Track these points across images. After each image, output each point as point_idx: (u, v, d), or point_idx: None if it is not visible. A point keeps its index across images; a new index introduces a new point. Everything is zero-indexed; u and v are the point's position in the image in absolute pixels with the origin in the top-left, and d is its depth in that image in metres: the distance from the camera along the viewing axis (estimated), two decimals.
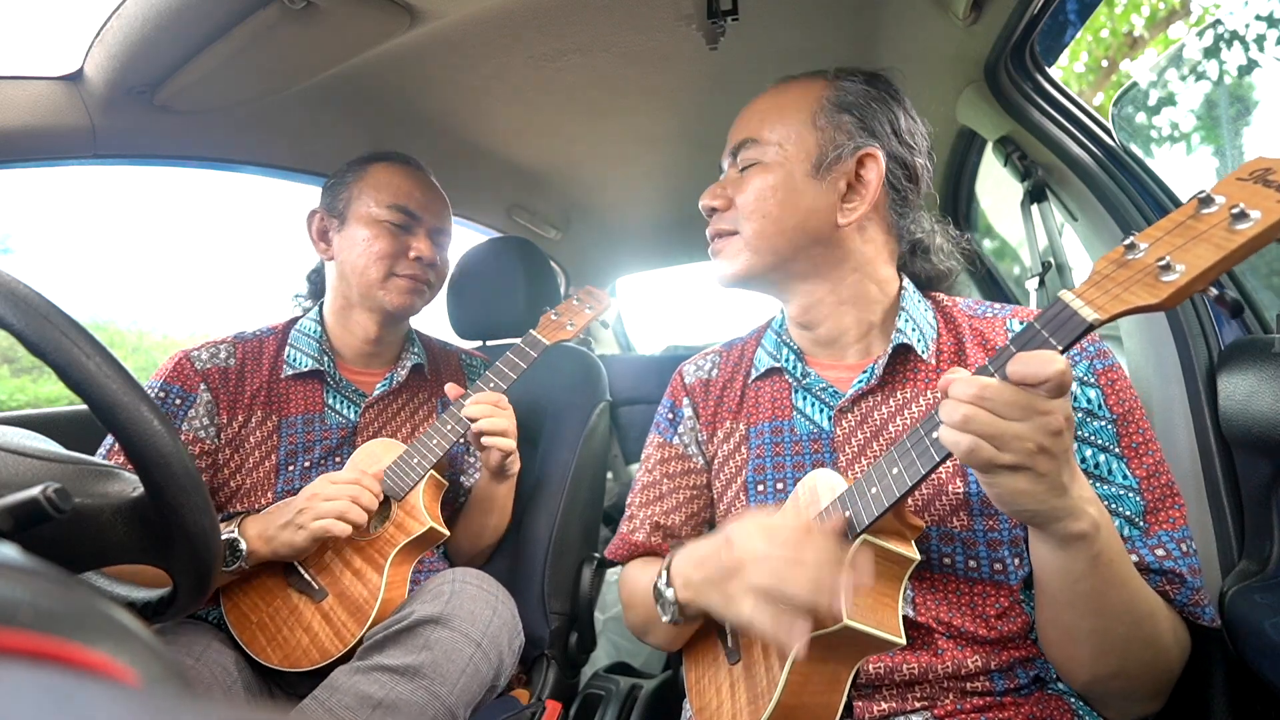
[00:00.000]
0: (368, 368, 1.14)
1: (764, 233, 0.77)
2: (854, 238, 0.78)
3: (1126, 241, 0.50)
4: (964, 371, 0.54)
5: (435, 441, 1.02)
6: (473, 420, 0.98)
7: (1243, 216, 0.44)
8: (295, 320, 1.14)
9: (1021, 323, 0.76)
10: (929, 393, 0.75)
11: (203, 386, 1.00)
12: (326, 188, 1.12)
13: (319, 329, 1.11)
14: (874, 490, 0.62)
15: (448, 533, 1.02)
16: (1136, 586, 0.59)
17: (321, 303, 1.15)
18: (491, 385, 1.03)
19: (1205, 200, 0.47)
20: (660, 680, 1.09)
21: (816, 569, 0.56)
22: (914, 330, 0.77)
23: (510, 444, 1.01)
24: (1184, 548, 0.64)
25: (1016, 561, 0.70)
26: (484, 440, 0.99)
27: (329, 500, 0.88)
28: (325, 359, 1.08)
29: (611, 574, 1.73)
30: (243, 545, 0.89)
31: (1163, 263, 0.46)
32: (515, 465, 1.08)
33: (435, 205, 1.12)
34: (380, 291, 1.06)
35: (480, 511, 1.14)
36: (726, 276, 0.82)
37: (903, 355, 0.77)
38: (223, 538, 0.89)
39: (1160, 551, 0.64)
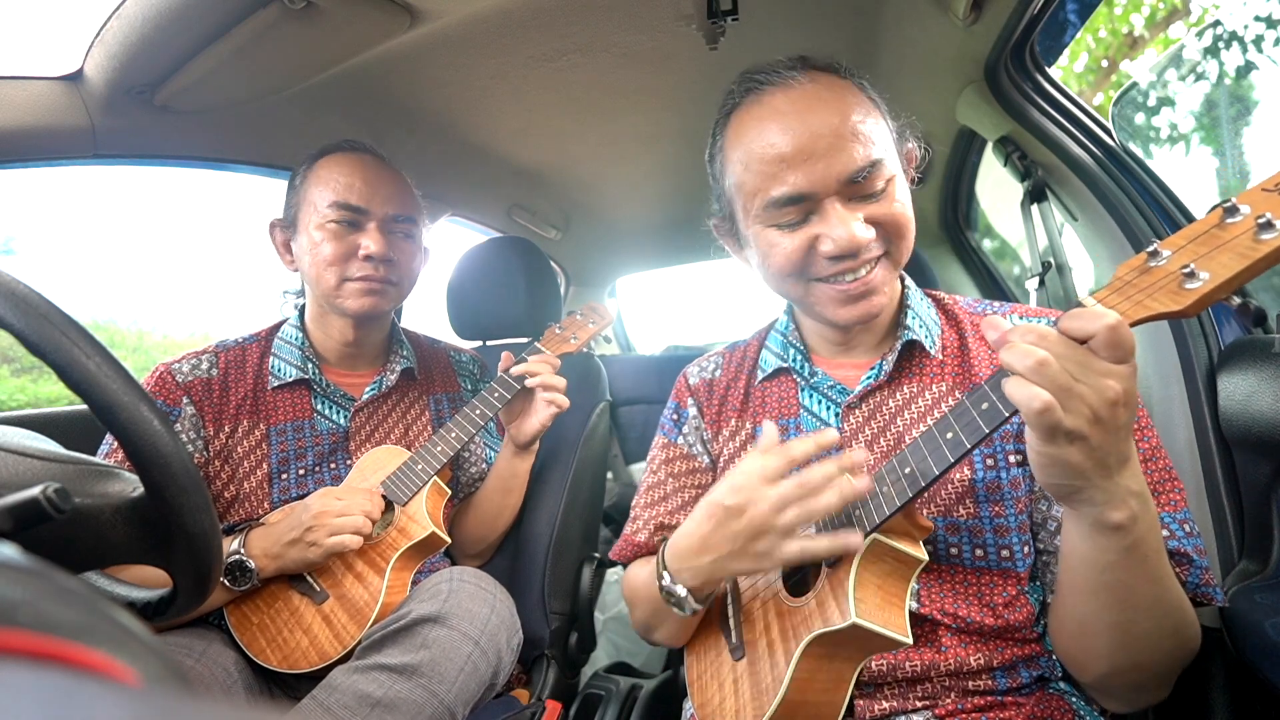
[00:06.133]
0: (354, 370, 1.13)
1: (910, 247, 0.72)
2: None
3: (1150, 249, 0.49)
4: (1005, 322, 0.53)
5: (440, 448, 1.03)
6: (533, 375, 1.03)
7: (1269, 226, 0.44)
8: (279, 326, 1.12)
9: (1023, 318, 0.76)
10: (934, 386, 0.75)
11: (185, 400, 0.99)
12: (287, 194, 1.08)
13: (301, 335, 1.09)
14: (885, 489, 0.62)
15: (449, 539, 1.02)
16: (1170, 585, 0.58)
17: (303, 306, 1.13)
18: (498, 394, 1.06)
19: (1230, 209, 0.46)
20: (660, 680, 1.09)
21: (825, 478, 0.60)
22: (921, 327, 0.77)
23: (566, 401, 1.06)
24: (1187, 528, 0.64)
25: (1025, 550, 0.69)
26: (543, 396, 1.05)
27: (342, 516, 0.90)
28: (309, 365, 1.06)
29: (611, 574, 1.73)
30: (251, 564, 0.90)
31: (1187, 270, 0.46)
32: (539, 436, 1.11)
33: (384, 191, 1.03)
34: (337, 298, 1.02)
35: (501, 491, 1.15)
36: (878, 309, 0.72)
37: (908, 351, 0.77)
38: (230, 559, 0.90)
39: (1164, 533, 0.63)
